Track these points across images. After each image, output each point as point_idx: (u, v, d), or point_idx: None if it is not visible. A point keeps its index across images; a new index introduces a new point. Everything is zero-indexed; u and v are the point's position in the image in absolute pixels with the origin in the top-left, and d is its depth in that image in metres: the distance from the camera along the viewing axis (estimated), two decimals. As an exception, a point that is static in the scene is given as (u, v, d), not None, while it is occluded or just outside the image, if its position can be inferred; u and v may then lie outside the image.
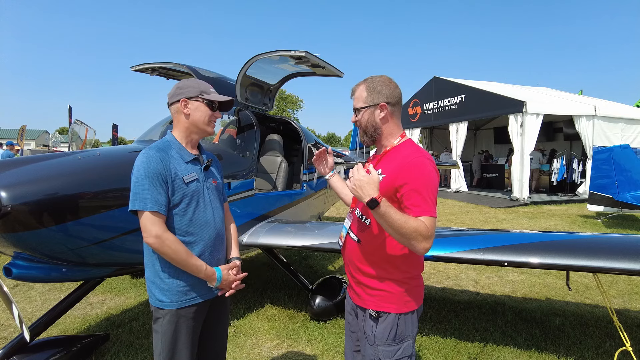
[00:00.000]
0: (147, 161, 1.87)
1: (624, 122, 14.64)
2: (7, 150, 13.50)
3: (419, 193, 1.66)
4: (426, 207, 1.64)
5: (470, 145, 21.38)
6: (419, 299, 1.89)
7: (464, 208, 12.75)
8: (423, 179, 1.68)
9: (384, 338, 1.81)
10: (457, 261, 3.38)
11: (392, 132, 1.89)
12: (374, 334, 1.83)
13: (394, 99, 1.87)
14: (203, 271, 1.94)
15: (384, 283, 1.82)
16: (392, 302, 1.82)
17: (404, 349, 1.82)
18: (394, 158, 1.82)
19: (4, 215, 2.34)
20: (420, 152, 1.79)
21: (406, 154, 1.78)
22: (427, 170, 1.70)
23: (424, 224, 1.60)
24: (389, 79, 1.90)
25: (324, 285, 4.49)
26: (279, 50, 4.37)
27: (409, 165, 1.72)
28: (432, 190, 1.68)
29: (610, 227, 9.67)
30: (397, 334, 1.81)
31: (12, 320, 4.05)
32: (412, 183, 1.68)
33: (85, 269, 3.05)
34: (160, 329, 1.94)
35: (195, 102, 2.03)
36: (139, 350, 3.50)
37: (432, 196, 1.67)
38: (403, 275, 1.82)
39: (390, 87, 1.87)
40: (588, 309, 4.62)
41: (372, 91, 1.86)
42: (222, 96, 2.11)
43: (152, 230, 1.83)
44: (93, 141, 13.83)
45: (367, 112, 1.87)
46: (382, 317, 1.82)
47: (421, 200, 1.65)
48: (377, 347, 1.82)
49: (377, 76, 1.91)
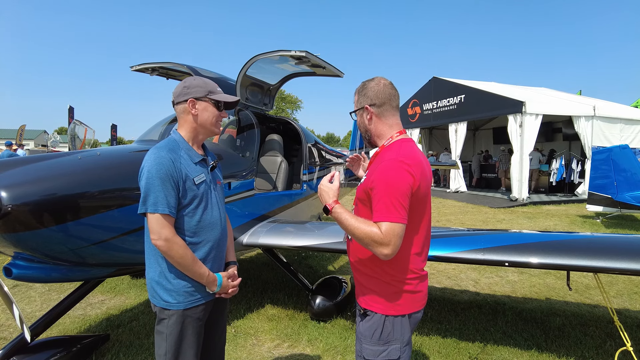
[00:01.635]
0: (159, 162, 1.85)
1: (623, 122, 14.67)
2: (8, 150, 13.53)
3: (379, 198, 1.66)
4: (385, 213, 1.63)
5: (470, 146, 21.40)
6: (414, 306, 1.83)
7: (463, 208, 12.76)
8: (385, 184, 1.66)
9: (368, 336, 1.81)
10: (457, 261, 3.39)
11: (380, 133, 1.89)
12: (360, 330, 1.86)
13: (379, 100, 1.84)
14: (205, 277, 1.94)
15: (372, 282, 1.83)
16: (379, 302, 1.81)
17: (389, 351, 1.79)
18: (377, 160, 1.84)
19: (5, 216, 2.34)
20: (398, 154, 1.73)
21: (384, 157, 1.77)
22: (392, 174, 1.67)
23: (379, 230, 1.62)
24: (380, 80, 1.89)
25: (324, 285, 4.49)
26: (279, 50, 4.37)
27: (379, 169, 1.72)
28: (395, 194, 1.64)
29: (610, 227, 9.68)
30: (383, 335, 1.79)
31: (13, 321, 4.04)
32: (377, 187, 1.69)
33: (85, 269, 3.04)
34: (166, 329, 1.92)
35: (203, 103, 2.01)
36: (139, 350, 3.49)
37: (394, 201, 1.63)
38: (389, 277, 1.79)
39: (376, 88, 1.86)
40: (588, 309, 4.62)
41: (360, 94, 1.91)
42: (230, 96, 2.11)
43: (162, 233, 1.82)
44: (92, 141, 13.82)
45: (359, 115, 1.93)
46: (369, 315, 1.83)
47: (381, 206, 1.64)
48: (362, 344, 1.83)
49: (370, 79, 1.92)
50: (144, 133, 4.82)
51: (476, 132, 22.53)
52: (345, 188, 8.09)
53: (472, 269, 6.04)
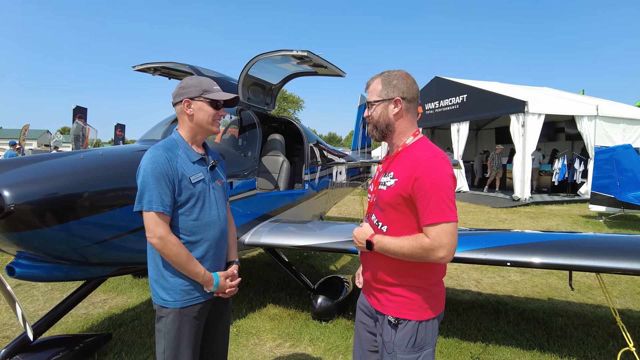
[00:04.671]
0: (154, 161, 1.86)
1: (626, 122, 14.60)
2: (11, 150, 13.61)
3: (429, 198, 1.59)
4: (439, 213, 1.58)
5: (472, 146, 21.34)
6: (441, 305, 1.82)
7: (466, 208, 12.73)
8: (433, 182, 1.60)
9: (403, 345, 1.74)
10: (459, 261, 3.38)
11: (405, 129, 1.80)
12: (392, 341, 1.76)
13: (410, 95, 1.77)
14: (201, 276, 1.94)
15: (403, 289, 1.76)
16: (413, 308, 1.75)
17: (423, 357, 1.75)
18: (406, 159, 1.73)
19: (7, 215, 2.35)
20: (434, 152, 1.69)
21: (419, 155, 1.69)
22: (439, 173, 1.62)
23: (426, 237, 1.60)
24: (407, 74, 1.81)
25: (326, 285, 4.49)
26: (281, 49, 4.37)
27: (421, 168, 1.63)
28: (445, 193, 1.60)
29: (612, 228, 9.65)
30: (417, 342, 1.74)
31: (15, 319, 4.06)
32: (422, 187, 1.61)
33: (87, 269, 3.05)
34: (164, 328, 1.94)
35: (198, 102, 2.01)
36: (141, 349, 3.50)
37: (446, 199, 1.60)
38: (422, 282, 1.75)
39: (408, 82, 1.78)
40: (591, 309, 4.61)
41: (387, 84, 1.77)
42: (225, 94, 2.08)
43: (156, 231, 1.84)
44: (95, 141, 13.86)
45: (381, 107, 1.78)
46: (402, 324, 1.75)
47: (433, 206, 1.59)
48: (396, 354, 1.74)
49: (394, 70, 1.82)
50: (147, 133, 4.83)
51: (478, 132, 22.47)
52: (347, 188, 8.08)
53: (474, 269, 6.03)
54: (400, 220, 1.72)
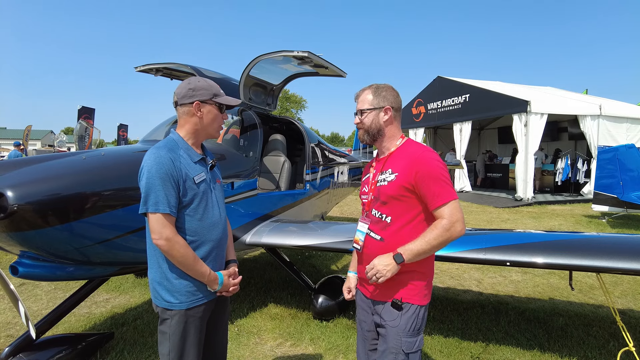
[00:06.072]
0: (159, 162, 1.86)
1: (629, 121, 14.53)
2: (15, 150, 13.70)
3: (433, 183, 1.84)
4: (445, 193, 1.83)
5: (474, 145, 21.28)
6: (430, 294, 2.02)
7: (468, 208, 12.71)
8: (431, 170, 1.86)
9: (407, 329, 1.88)
10: (461, 261, 3.39)
11: (394, 134, 2.06)
12: (398, 325, 1.89)
13: (397, 105, 2.05)
14: (207, 276, 1.96)
15: (409, 275, 1.91)
16: (416, 293, 1.92)
17: (419, 341, 1.92)
18: (401, 156, 1.98)
19: (10, 215, 2.37)
20: (422, 147, 2.00)
21: (413, 151, 1.96)
22: (433, 163, 1.88)
23: (442, 219, 1.81)
24: (392, 87, 2.09)
25: (327, 284, 4.50)
26: (282, 50, 4.38)
27: (419, 159, 1.89)
28: (443, 177, 1.85)
29: (615, 227, 9.62)
30: (416, 326, 1.91)
31: (19, 318, 4.09)
32: (423, 177, 1.85)
33: (89, 268, 3.07)
34: (169, 329, 1.94)
35: (208, 106, 2.03)
36: (143, 348, 3.53)
37: (446, 181, 1.86)
38: (425, 268, 1.95)
39: (394, 93, 2.06)
40: (591, 309, 4.61)
41: (377, 95, 2.02)
42: (233, 99, 2.13)
43: (163, 233, 1.83)
44: (98, 141, 13.92)
45: (372, 114, 2.02)
46: (405, 307, 1.89)
47: (438, 188, 1.83)
48: (401, 338, 1.88)
49: (381, 83, 2.08)
50: (149, 133, 4.86)
51: (481, 131, 22.42)
52: (349, 188, 8.08)
53: (476, 269, 6.03)
54: (403, 208, 1.93)
